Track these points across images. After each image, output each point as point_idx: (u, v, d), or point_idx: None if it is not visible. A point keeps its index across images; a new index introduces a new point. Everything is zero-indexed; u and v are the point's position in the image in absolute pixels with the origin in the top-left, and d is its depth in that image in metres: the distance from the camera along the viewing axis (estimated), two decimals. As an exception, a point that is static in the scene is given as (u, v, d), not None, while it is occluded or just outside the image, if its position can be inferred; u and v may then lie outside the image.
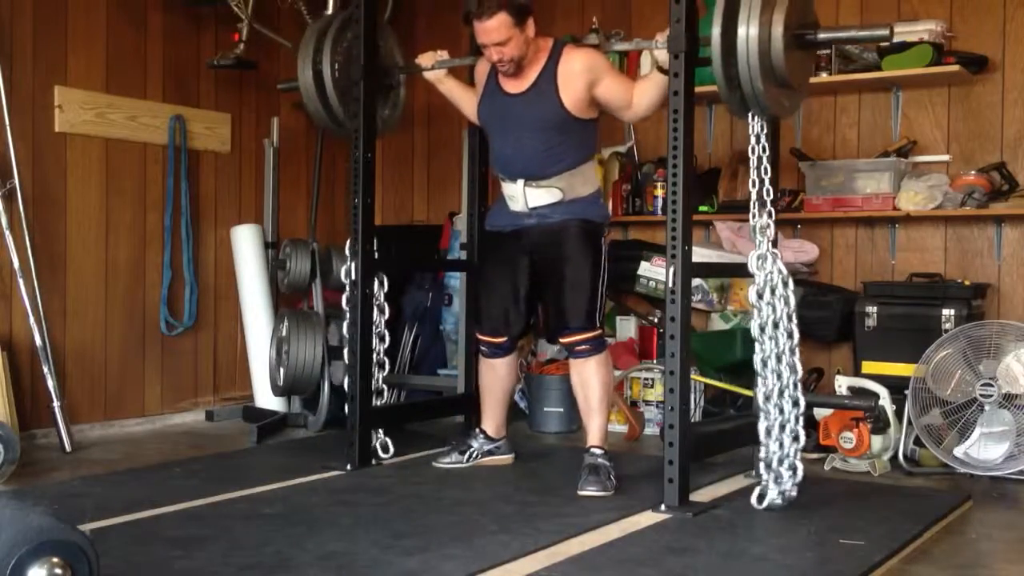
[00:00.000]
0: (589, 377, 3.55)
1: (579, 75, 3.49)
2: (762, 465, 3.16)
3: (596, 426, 3.56)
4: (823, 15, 4.70)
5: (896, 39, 4.36)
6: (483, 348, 3.80)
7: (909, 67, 4.37)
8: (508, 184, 3.63)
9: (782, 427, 3.14)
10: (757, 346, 3.13)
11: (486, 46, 3.46)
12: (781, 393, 3.14)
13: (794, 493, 3.18)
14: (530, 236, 3.63)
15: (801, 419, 3.19)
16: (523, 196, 3.58)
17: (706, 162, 5.01)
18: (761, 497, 3.13)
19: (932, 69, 4.34)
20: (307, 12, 5.14)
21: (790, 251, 4.59)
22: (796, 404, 3.17)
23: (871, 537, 2.82)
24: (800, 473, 3.19)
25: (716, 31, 2.98)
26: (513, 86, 3.58)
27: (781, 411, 3.14)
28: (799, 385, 3.19)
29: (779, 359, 3.14)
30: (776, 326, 3.14)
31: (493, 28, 3.40)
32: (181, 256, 4.90)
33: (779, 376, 3.14)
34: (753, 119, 3.17)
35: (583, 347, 3.53)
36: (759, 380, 3.15)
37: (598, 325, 3.55)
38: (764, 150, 3.20)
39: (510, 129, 3.58)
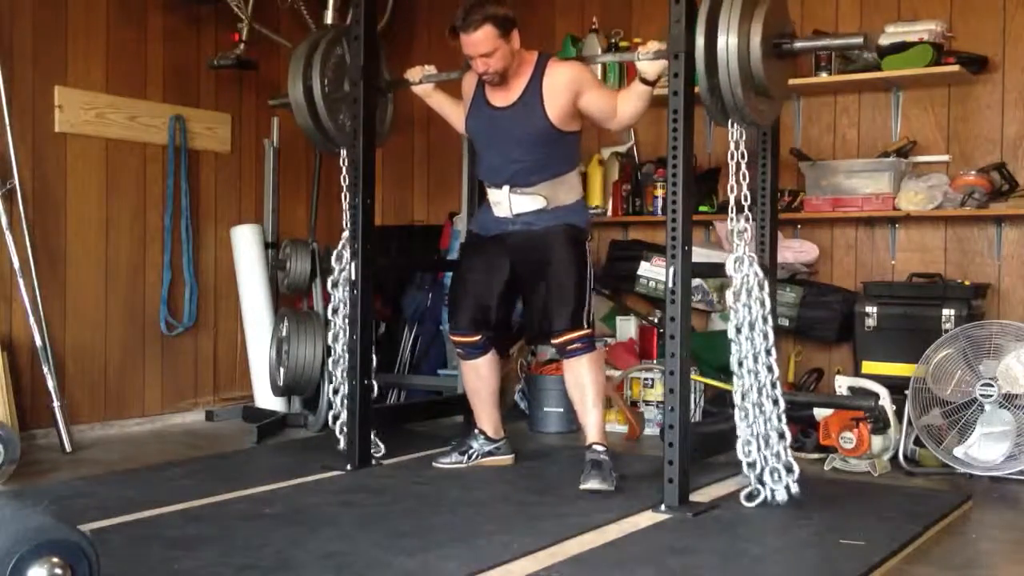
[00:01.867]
0: (582, 376, 3.58)
1: (564, 89, 3.53)
2: (745, 465, 3.18)
3: (593, 423, 3.58)
4: (823, 15, 4.75)
5: (896, 39, 4.38)
6: (459, 350, 3.80)
7: (909, 67, 4.37)
8: (494, 191, 3.67)
9: (766, 425, 3.17)
10: (733, 347, 3.18)
11: (472, 58, 3.50)
12: (760, 392, 3.17)
13: (795, 489, 3.19)
14: (513, 240, 3.67)
15: (783, 417, 3.21)
16: (508, 202, 3.62)
17: (706, 162, 5.01)
18: (751, 497, 3.17)
19: (932, 69, 4.34)
20: (307, 12, 5.14)
21: (790, 251, 4.59)
22: (776, 403, 3.20)
23: (871, 537, 2.82)
24: (796, 469, 3.21)
25: (700, 41, 3.03)
26: (500, 99, 3.61)
27: (762, 410, 3.18)
28: (778, 384, 3.21)
29: (755, 359, 3.18)
30: (752, 327, 3.18)
31: (479, 40, 3.43)
32: (181, 256, 4.90)
33: (756, 376, 3.17)
34: (733, 126, 3.21)
35: (574, 346, 3.56)
36: (735, 380, 3.19)
37: (586, 325, 3.57)
38: (743, 156, 3.25)
39: (497, 141, 3.62)
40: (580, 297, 3.55)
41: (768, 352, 3.20)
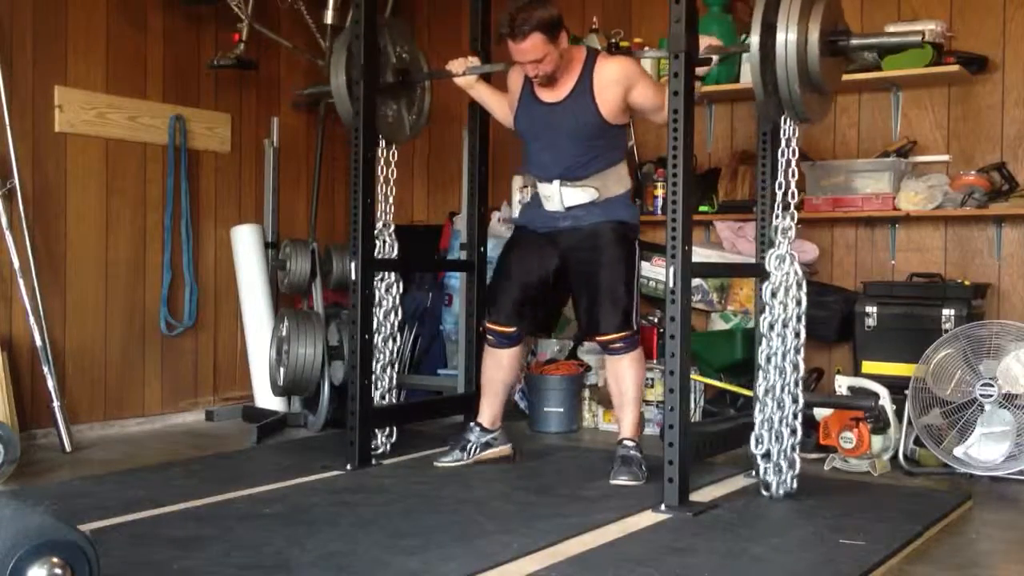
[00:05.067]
0: (623, 373, 3.66)
1: (614, 84, 3.57)
2: (759, 457, 3.27)
3: (629, 419, 3.67)
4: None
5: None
6: (490, 337, 3.83)
7: (909, 67, 4.37)
8: (544, 184, 3.69)
9: (781, 421, 3.25)
10: (764, 342, 3.25)
11: (522, 64, 3.53)
12: (783, 389, 3.25)
13: (794, 486, 3.27)
14: (564, 238, 3.70)
15: (800, 415, 3.29)
16: (559, 195, 3.65)
17: (706, 162, 5.01)
18: (767, 486, 3.27)
19: (932, 69, 4.34)
20: (307, 12, 5.14)
21: (790, 251, 4.58)
22: (796, 401, 3.28)
23: (871, 537, 2.83)
24: (798, 466, 3.29)
25: (755, 39, 3.06)
26: (549, 95, 3.64)
27: (780, 406, 3.25)
28: (800, 383, 3.28)
29: (784, 357, 3.25)
30: (786, 325, 3.25)
31: (529, 49, 3.47)
32: (181, 256, 4.90)
33: (782, 373, 3.25)
34: (785, 123, 3.25)
35: (617, 345, 3.64)
36: (760, 375, 3.26)
37: (633, 326, 3.64)
38: (794, 154, 3.29)
39: (548, 136, 3.65)
40: (628, 299, 3.62)
41: (797, 350, 3.28)
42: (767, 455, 3.26)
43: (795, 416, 3.28)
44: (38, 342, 4.18)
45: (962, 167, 4.46)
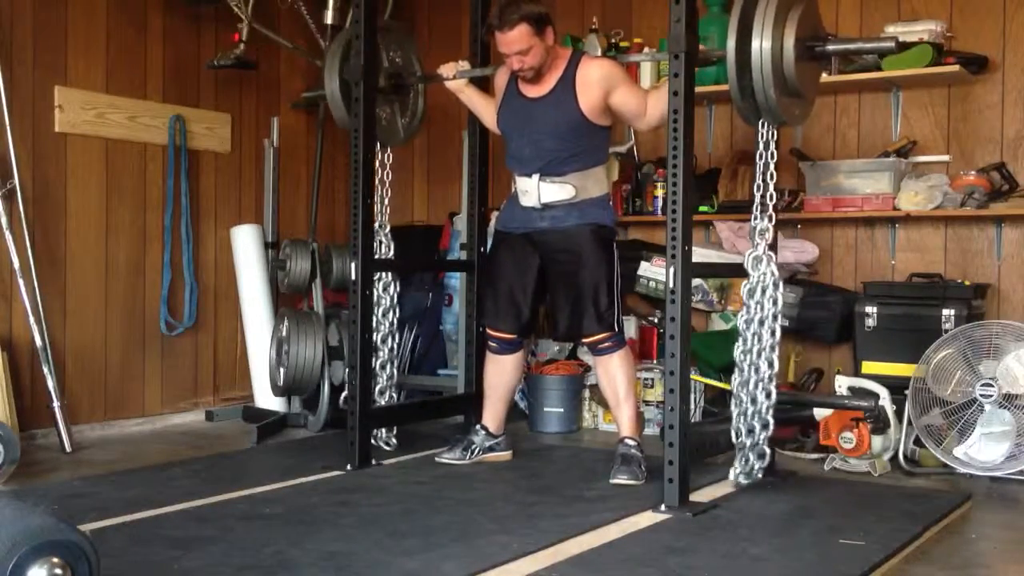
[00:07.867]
0: (614, 372, 3.68)
1: (596, 84, 3.60)
2: (737, 450, 3.36)
3: (626, 417, 3.68)
4: (823, 15, 4.73)
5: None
6: (492, 344, 3.85)
7: (909, 67, 4.37)
8: (523, 179, 3.71)
9: (754, 415, 3.32)
10: (740, 340, 3.31)
11: (508, 55, 3.57)
12: (756, 385, 3.31)
13: (760, 476, 3.38)
14: (543, 239, 3.72)
15: (771, 410, 3.34)
16: (537, 190, 3.66)
17: (706, 162, 5.01)
18: (735, 474, 3.36)
19: (932, 69, 4.34)
20: (307, 12, 5.14)
21: (790, 251, 4.59)
22: (769, 396, 3.33)
23: (871, 537, 2.83)
24: (767, 458, 3.37)
25: (731, 43, 3.08)
26: (532, 91, 3.68)
27: (754, 401, 3.31)
28: (773, 379, 3.34)
29: (759, 354, 3.31)
30: (762, 324, 3.30)
31: (515, 39, 3.51)
32: (181, 256, 4.90)
33: (757, 370, 3.31)
34: (763, 126, 3.26)
35: (605, 344, 3.66)
36: (736, 371, 3.32)
37: (616, 327, 3.66)
38: (772, 156, 3.31)
39: (528, 131, 3.68)
40: (610, 299, 3.64)
41: (772, 348, 3.32)
42: (742, 448, 3.33)
43: (768, 410, 3.32)
44: (38, 342, 4.18)
45: (962, 167, 4.46)
